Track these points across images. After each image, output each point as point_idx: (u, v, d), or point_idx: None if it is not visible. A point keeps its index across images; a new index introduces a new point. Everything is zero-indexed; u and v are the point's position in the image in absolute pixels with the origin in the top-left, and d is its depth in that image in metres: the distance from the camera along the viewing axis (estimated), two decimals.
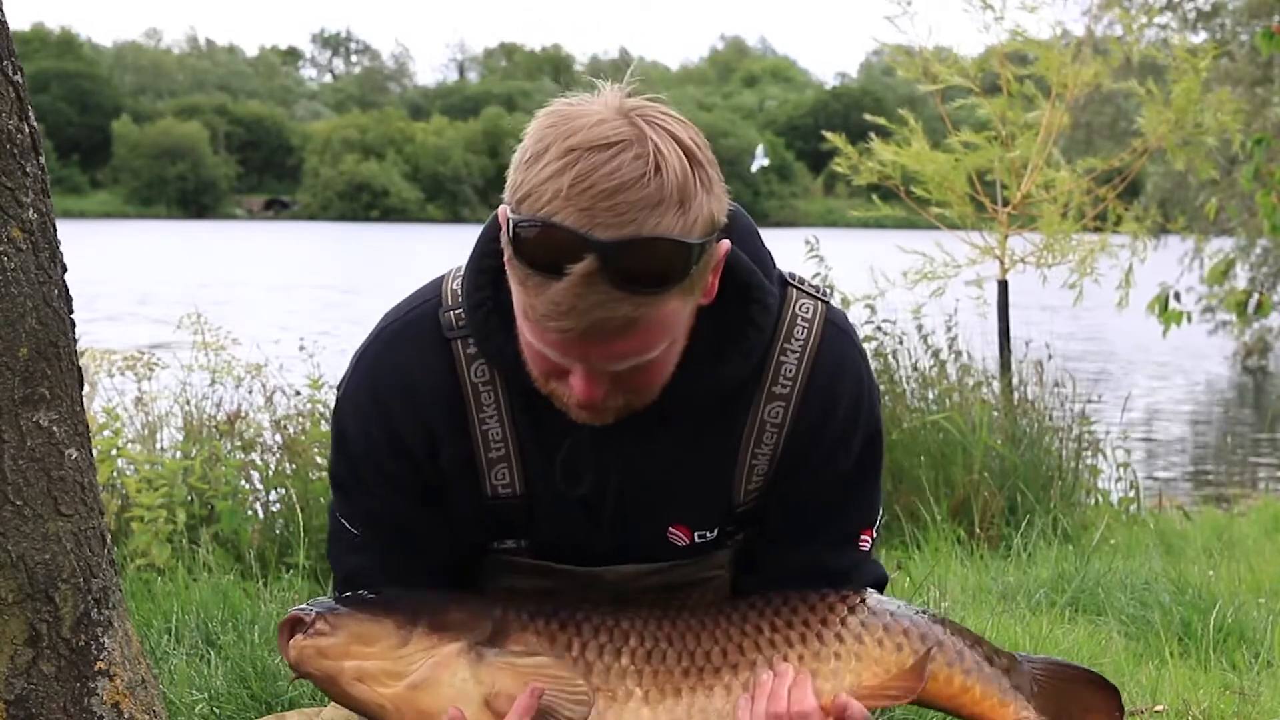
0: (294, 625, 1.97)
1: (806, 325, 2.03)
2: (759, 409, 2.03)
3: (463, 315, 2.00)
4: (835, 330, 2.06)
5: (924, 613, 2.10)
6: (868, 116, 7.74)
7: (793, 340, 2.02)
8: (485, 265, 1.97)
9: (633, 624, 1.99)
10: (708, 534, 2.09)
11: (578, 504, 2.05)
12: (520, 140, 1.85)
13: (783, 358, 2.02)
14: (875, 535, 2.17)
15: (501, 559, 2.13)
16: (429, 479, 2.05)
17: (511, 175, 1.83)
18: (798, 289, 2.06)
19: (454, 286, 2.04)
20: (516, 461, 2.03)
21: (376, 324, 2.10)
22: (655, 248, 1.76)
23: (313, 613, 1.97)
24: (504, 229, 1.83)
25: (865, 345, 2.19)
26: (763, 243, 2.03)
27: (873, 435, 2.10)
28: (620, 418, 1.95)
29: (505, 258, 1.85)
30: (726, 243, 1.90)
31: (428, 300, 2.06)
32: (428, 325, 2.03)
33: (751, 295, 1.97)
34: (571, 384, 1.88)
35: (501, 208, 1.87)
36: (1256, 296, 7.29)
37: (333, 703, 2.35)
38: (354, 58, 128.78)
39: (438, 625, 1.96)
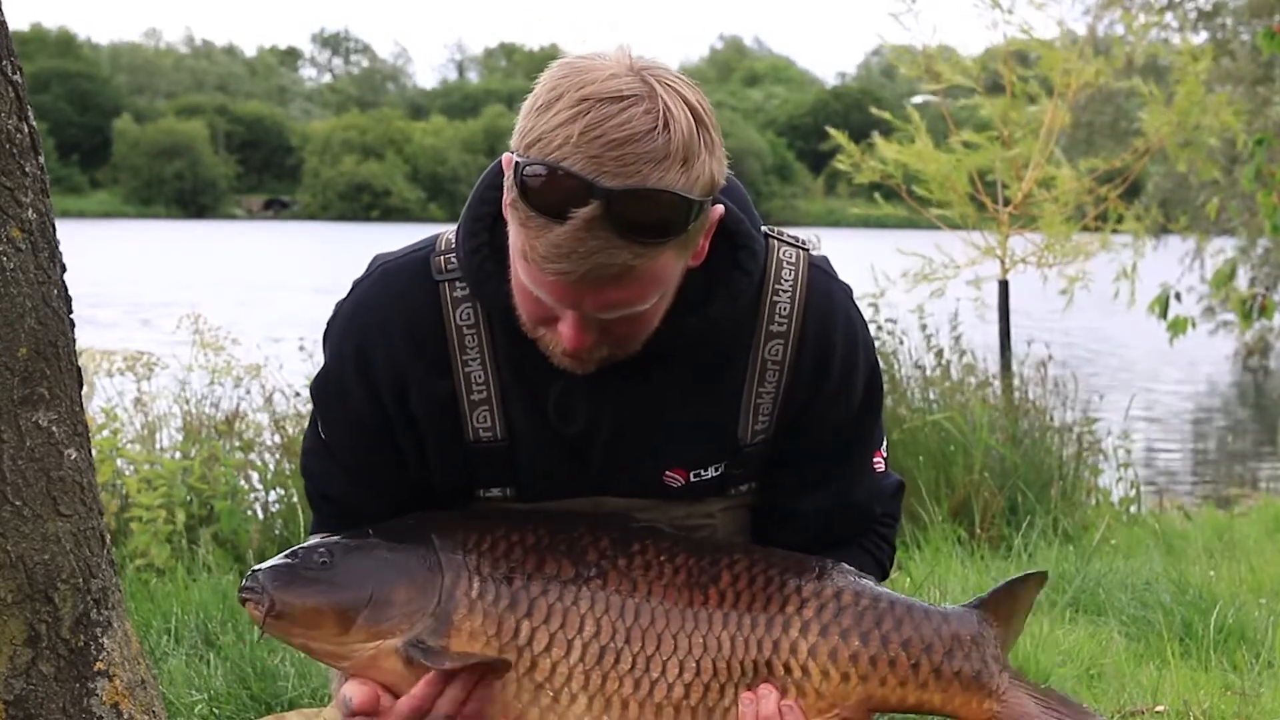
0: (247, 599, 2.00)
1: (792, 268, 2.10)
2: (759, 348, 2.09)
3: (453, 260, 2.07)
4: (820, 273, 2.13)
5: (884, 608, 2.05)
6: (874, 111, 7.75)
7: (782, 281, 2.09)
8: (482, 212, 2.03)
9: (591, 607, 1.99)
10: (703, 473, 2.12)
11: (567, 446, 2.08)
12: (531, 90, 1.90)
13: (775, 298, 2.09)
14: (885, 454, 2.26)
15: (492, 507, 2.15)
16: (395, 427, 2.10)
17: (521, 121, 1.88)
18: (778, 239, 2.13)
19: (449, 236, 2.11)
20: (498, 405, 2.07)
21: (372, 261, 2.16)
22: (658, 199, 1.82)
23: (263, 597, 1.98)
24: (510, 172, 1.88)
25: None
26: (748, 198, 2.10)
27: (872, 367, 2.17)
28: (601, 368, 2.00)
29: (507, 200, 1.90)
30: (720, 207, 1.97)
31: (423, 247, 2.13)
32: (419, 268, 2.09)
33: (739, 241, 2.03)
34: (560, 331, 1.93)
35: (506, 155, 1.92)
36: (1260, 298, 7.28)
37: (332, 704, 2.35)
38: (353, 58, 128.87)
39: (378, 615, 1.98)
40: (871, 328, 6.62)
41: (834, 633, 2.01)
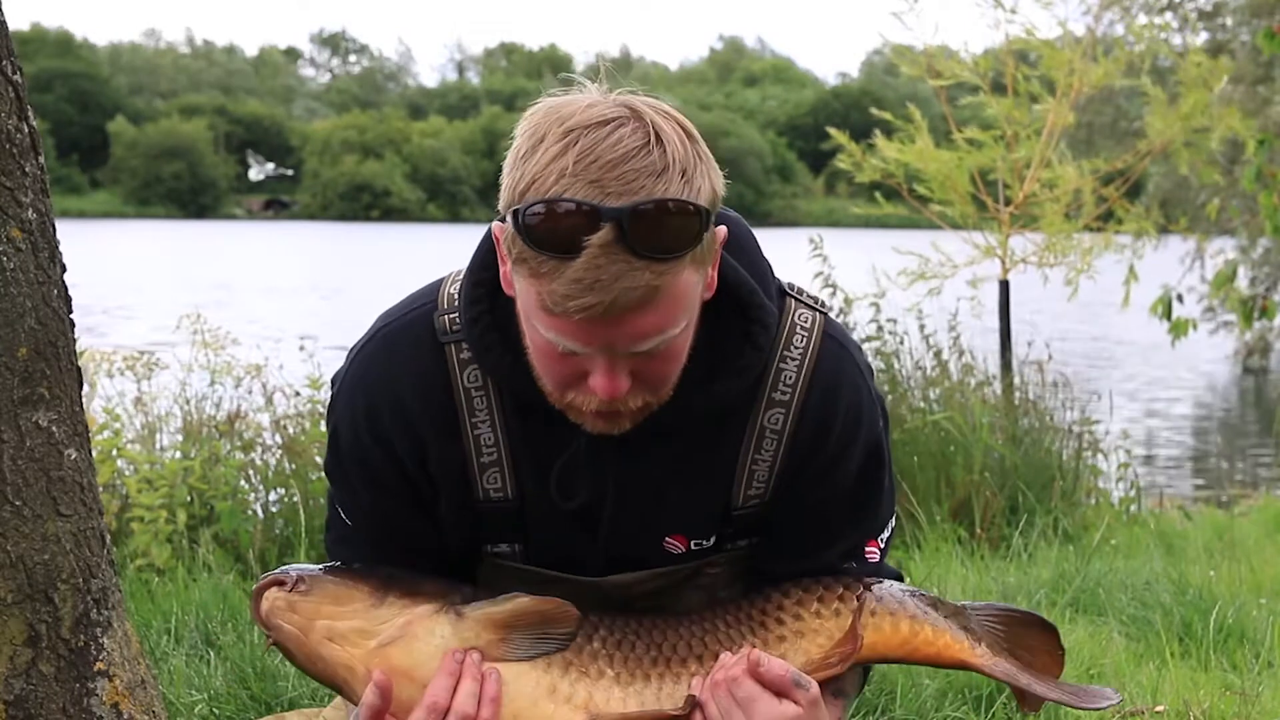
0: (269, 586, 1.99)
1: (805, 334, 2.03)
2: (759, 415, 2.03)
3: (458, 320, 2.00)
4: (833, 343, 2.05)
5: (860, 579, 2.11)
6: (874, 111, 7.75)
7: (792, 348, 2.02)
8: (482, 279, 1.97)
9: (600, 618, 2.02)
10: (704, 542, 2.10)
11: (572, 515, 2.05)
12: (512, 140, 1.85)
13: (782, 365, 2.02)
14: (883, 545, 2.16)
15: (497, 565, 2.12)
16: (417, 483, 2.05)
17: (508, 175, 1.82)
18: (796, 299, 2.06)
19: (451, 291, 2.04)
20: (509, 466, 2.03)
21: (372, 324, 2.10)
22: (668, 212, 1.76)
23: (291, 574, 1.98)
24: (508, 226, 1.81)
25: (867, 345, 2.19)
26: (763, 255, 2.03)
27: (874, 448, 2.09)
28: (636, 423, 1.93)
29: (510, 257, 1.83)
30: (724, 229, 1.91)
31: (424, 304, 2.06)
32: (422, 329, 2.03)
33: (750, 315, 1.97)
34: (592, 385, 1.86)
35: (495, 223, 1.87)
36: (1260, 299, 7.28)
37: (333, 704, 2.35)
38: (352, 57, 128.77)
39: (412, 590, 1.98)
40: (872, 328, 6.68)
41: (815, 587, 2.09)
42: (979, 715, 3.50)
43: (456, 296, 2.02)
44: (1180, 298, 7.39)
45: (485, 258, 1.97)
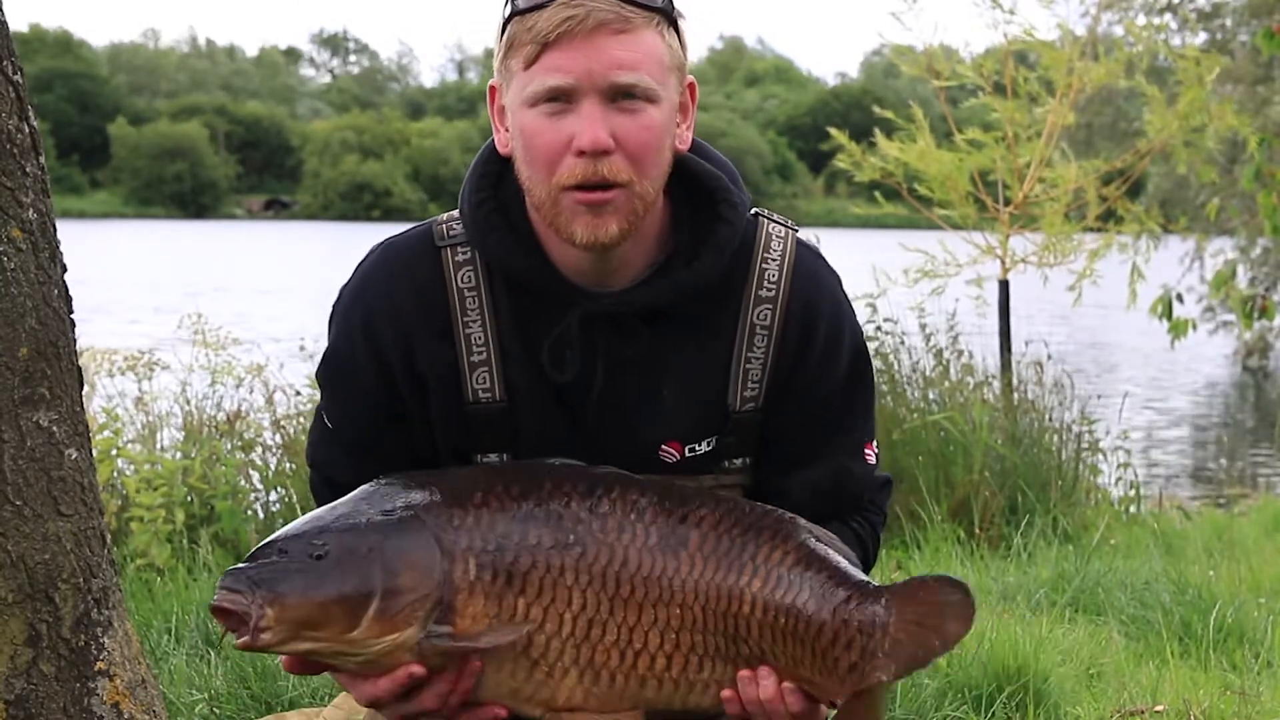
0: (230, 612, 1.89)
1: (781, 240, 2.18)
2: (748, 312, 2.14)
3: (455, 226, 2.16)
4: (807, 250, 2.20)
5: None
6: (876, 110, 7.75)
7: (771, 251, 2.16)
8: (488, 170, 2.14)
9: (576, 579, 1.97)
10: (698, 447, 2.16)
11: (562, 406, 2.12)
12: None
13: (765, 265, 2.15)
14: (876, 450, 2.27)
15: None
16: (404, 393, 2.15)
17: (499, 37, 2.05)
18: (766, 218, 2.20)
19: (452, 212, 2.20)
20: (498, 366, 2.13)
21: (378, 242, 2.24)
22: None
23: (252, 609, 1.88)
24: (499, 50, 2.04)
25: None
26: (727, 160, 2.20)
27: (858, 347, 2.22)
28: (623, 229, 2.02)
29: (500, 80, 2.05)
30: (694, 81, 2.11)
31: (425, 224, 2.22)
32: (422, 241, 2.18)
33: (718, 197, 2.12)
34: (576, 134, 1.97)
35: (491, 81, 2.09)
36: (1260, 299, 7.28)
37: (333, 703, 2.35)
38: (352, 58, 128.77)
39: (388, 607, 1.92)
40: (870, 328, 6.67)
41: (777, 595, 1.98)
42: (979, 715, 3.50)
43: (456, 212, 2.17)
44: (1180, 298, 7.38)
45: (489, 153, 2.14)
